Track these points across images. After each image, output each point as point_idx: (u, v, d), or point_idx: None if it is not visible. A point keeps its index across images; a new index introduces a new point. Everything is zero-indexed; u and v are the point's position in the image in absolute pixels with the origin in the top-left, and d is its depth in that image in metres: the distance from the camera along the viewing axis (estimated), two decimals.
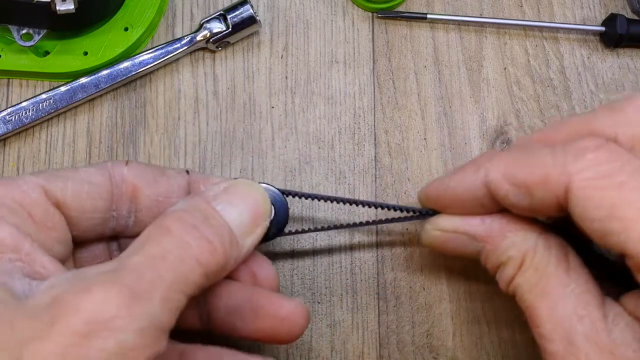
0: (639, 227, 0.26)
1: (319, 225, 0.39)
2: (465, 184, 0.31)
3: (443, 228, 0.33)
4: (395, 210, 0.35)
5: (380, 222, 0.36)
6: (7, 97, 0.40)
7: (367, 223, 0.36)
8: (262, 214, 0.30)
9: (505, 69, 0.42)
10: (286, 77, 0.41)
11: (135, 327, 0.23)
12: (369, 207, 0.36)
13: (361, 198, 0.40)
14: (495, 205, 0.31)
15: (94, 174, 0.30)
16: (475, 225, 0.32)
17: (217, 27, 0.40)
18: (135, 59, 0.39)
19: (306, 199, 0.35)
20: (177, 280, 0.25)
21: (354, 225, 0.35)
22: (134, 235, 0.28)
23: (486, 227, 0.31)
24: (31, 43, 0.37)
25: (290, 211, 0.39)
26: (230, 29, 0.40)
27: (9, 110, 0.39)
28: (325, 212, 0.39)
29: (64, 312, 0.22)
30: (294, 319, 0.30)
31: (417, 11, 0.42)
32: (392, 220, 0.35)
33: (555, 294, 0.28)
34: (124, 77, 0.39)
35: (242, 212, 0.30)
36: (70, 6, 0.35)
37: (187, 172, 0.32)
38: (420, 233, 0.35)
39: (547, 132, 0.32)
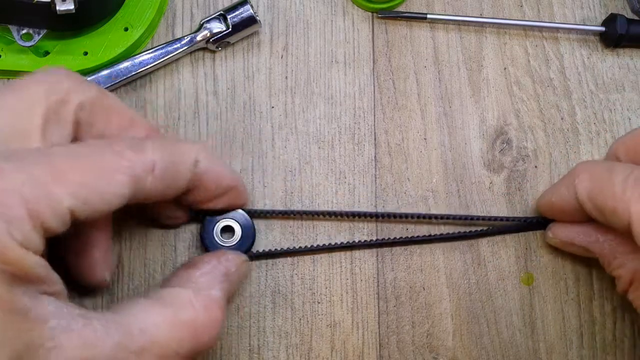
0: None
1: (318, 226, 0.39)
2: (564, 201, 0.36)
3: (560, 238, 0.38)
4: (486, 220, 0.39)
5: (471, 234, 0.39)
6: None
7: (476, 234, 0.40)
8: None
9: (505, 69, 0.42)
10: (286, 77, 0.41)
11: None
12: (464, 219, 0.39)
13: (362, 198, 0.40)
14: None
15: None
16: (589, 242, 0.36)
17: (217, 27, 0.40)
18: (135, 59, 0.39)
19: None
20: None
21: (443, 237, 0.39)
22: None
23: (599, 246, 0.36)
24: (31, 43, 0.37)
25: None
26: (230, 29, 0.40)
27: None
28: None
29: None
30: None
31: (417, 11, 0.42)
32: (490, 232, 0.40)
33: None
34: (124, 77, 0.39)
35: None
36: (70, 6, 0.35)
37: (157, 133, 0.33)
38: (545, 236, 0.39)
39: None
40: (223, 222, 0.37)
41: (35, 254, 0.24)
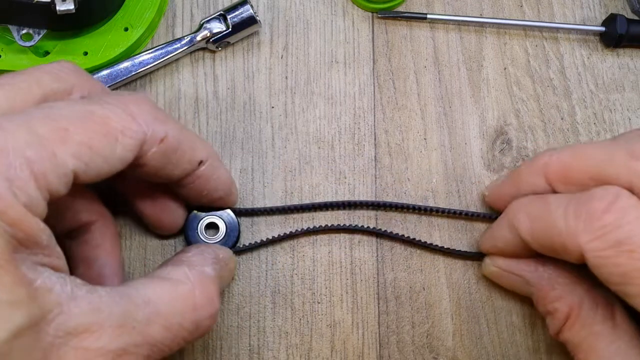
0: None
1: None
2: (510, 243, 0.34)
3: (500, 266, 0.36)
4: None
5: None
6: None
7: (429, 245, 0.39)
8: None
9: (505, 69, 0.42)
10: (286, 77, 0.41)
11: None
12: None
13: (362, 199, 0.40)
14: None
15: None
16: (528, 271, 0.35)
17: (217, 27, 0.40)
18: (135, 59, 0.39)
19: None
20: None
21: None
22: None
23: (538, 275, 0.34)
24: (31, 43, 0.37)
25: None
26: (230, 29, 0.40)
27: None
28: (325, 212, 0.39)
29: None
30: None
31: (417, 11, 0.42)
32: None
33: (602, 350, 0.31)
34: (124, 77, 0.39)
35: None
36: (70, 6, 0.35)
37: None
38: (482, 264, 0.38)
39: (565, 168, 0.33)
40: (208, 219, 0.37)
41: (39, 218, 0.23)
